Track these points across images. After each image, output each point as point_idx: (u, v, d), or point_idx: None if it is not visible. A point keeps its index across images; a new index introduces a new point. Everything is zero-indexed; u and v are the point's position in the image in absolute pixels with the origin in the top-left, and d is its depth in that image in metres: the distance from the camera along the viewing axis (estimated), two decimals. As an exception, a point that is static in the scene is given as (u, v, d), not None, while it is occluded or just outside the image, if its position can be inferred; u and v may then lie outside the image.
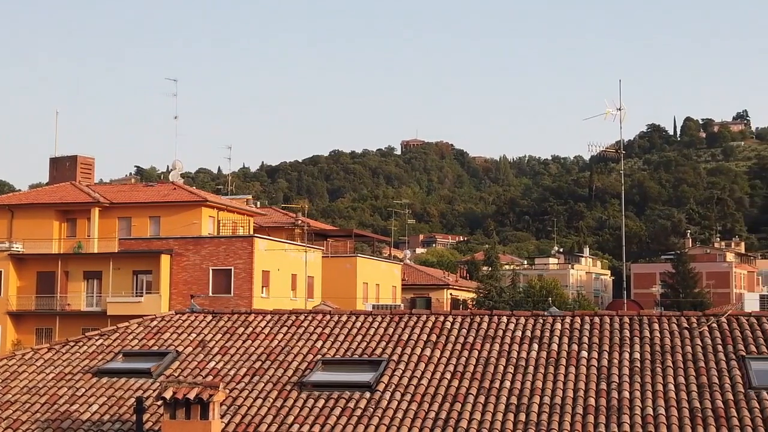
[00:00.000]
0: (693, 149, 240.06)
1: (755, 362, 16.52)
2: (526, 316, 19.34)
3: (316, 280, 59.77)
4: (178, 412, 14.23)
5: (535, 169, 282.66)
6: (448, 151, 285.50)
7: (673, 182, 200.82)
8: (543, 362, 17.16)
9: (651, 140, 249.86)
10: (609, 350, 17.46)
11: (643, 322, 18.57)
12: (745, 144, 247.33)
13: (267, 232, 61.76)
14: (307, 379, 17.24)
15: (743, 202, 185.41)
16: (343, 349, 18.65)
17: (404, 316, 19.84)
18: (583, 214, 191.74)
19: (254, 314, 20.82)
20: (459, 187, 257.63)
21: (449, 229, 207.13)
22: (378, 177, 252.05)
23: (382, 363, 17.60)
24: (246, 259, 54.01)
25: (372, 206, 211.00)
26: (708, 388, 15.71)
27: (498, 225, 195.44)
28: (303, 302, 54.42)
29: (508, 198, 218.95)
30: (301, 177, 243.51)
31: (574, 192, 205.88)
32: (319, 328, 19.67)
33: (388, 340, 18.73)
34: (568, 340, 17.99)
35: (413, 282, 78.93)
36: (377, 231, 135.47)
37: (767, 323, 18.14)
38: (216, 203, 60.54)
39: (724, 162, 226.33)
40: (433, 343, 18.37)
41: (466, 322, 19.27)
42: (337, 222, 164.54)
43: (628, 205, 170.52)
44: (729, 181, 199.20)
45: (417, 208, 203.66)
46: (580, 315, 19.32)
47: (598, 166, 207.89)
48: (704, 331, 17.93)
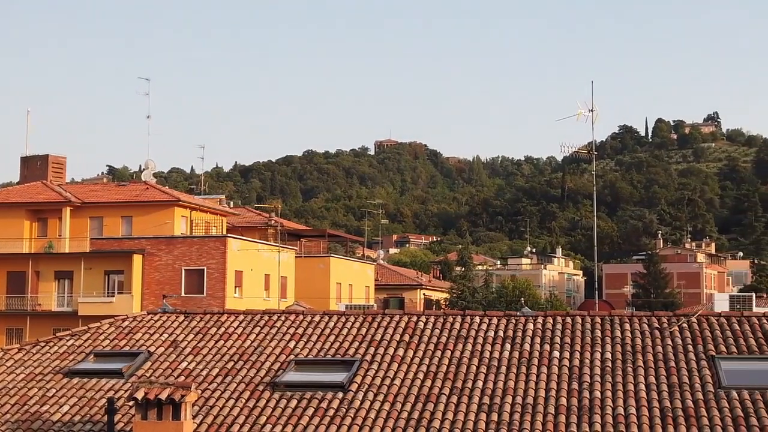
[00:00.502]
0: (664, 150, 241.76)
1: (725, 362, 16.68)
2: (498, 317, 19.42)
3: (289, 280, 59.66)
4: (150, 412, 14.17)
5: (508, 169, 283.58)
6: (422, 152, 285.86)
7: (645, 183, 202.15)
8: (515, 362, 17.24)
9: (623, 141, 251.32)
10: (580, 350, 17.56)
11: (615, 322, 18.69)
12: (715, 145, 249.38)
13: (240, 232, 61.55)
14: (280, 379, 17.22)
15: (714, 203, 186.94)
16: (316, 349, 18.65)
17: (377, 317, 19.87)
18: (556, 215, 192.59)
19: (227, 314, 20.77)
20: (432, 188, 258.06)
21: (422, 229, 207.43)
22: (351, 177, 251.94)
23: (355, 363, 17.62)
24: (219, 259, 53.81)
25: (345, 206, 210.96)
26: (678, 388, 15.84)
27: (471, 225, 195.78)
28: (276, 302, 54.31)
29: (482, 198, 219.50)
30: (275, 177, 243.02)
31: (546, 192, 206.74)
32: (292, 328, 19.66)
33: (361, 341, 18.76)
34: (540, 340, 18.09)
35: (386, 282, 78.95)
36: (350, 231, 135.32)
37: (737, 323, 18.32)
38: (189, 203, 60.26)
39: (694, 163, 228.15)
40: (405, 343, 18.41)
41: (438, 322, 19.32)
42: (311, 222, 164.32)
43: (600, 206, 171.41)
44: (700, 182, 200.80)
45: (390, 209, 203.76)
46: (552, 315, 19.42)
47: (571, 167, 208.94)
48: (675, 331, 18.08)
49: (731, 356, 17.01)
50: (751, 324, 18.26)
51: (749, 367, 16.62)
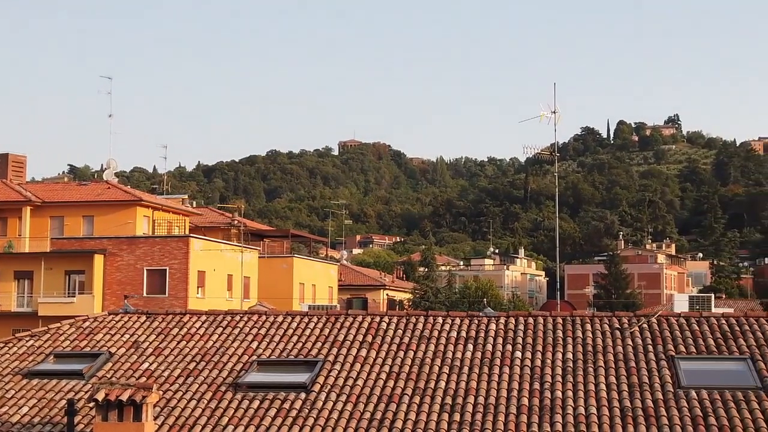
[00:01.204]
0: (626, 152, 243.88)
1: (684, 362, 16.87)
2: (461, 317, 19.50)
3: (252, 281, 59.43)
4: (111, 414, 14.07)
5: (471, 170, 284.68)
6: (386, 152, 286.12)
7: (607, 185, 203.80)
8: (477, 362, 17.32)
9: (585, 143, 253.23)
10: (542, 350, 17.68)
11: (576, 322, 18.83)
12: (676, 147, 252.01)
13: (203, 232, 61.21)
14: (242, 379, 17.17)
15: (674, 204, 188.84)
16: (278, 350, 18.62)
17: (340, 317, 19.88)
18: (519, 216, 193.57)
19: (189, 315, 20.68)
20: (396, 188, 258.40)
21: (386, 229, 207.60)
22: (315, 177, 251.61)
23: (317, 363, 17.61)
24: (181, 260, 53.48)
25: (309, 207, 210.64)
26: (638, 388, 15.99)
27: (434, 226, 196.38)
28: (239, 303, 54.06)
29: (445, 199, 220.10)
30: (238, 177, 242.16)
31: (509, 193, 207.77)
32: (254, 328, 19.61)
33: (323, 341, 18.75)
34: (503, 341, 18.18)
35: (350, 282, 78.88)
36: (314, 231, 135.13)
37: (696, 324, 18.53)
38: (151, 203, 59.84)
39: (655, 165, 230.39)
40: (368, 344, 18.43)
41: (401, 322, 19.36)
42: (274, 222, 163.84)
43: (562, 207, 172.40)
44: (660, 183, 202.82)
45: (354, 209, 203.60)
46: (515, 315, 19.53)
47: (534, 168, 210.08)
48: (635, 331, 18.25)
49: (690, 356, 17.20)
50: (710, 324, 18.48)
51: (708, 367, 16.82)
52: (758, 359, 16.84)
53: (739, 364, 16.82)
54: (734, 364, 16.88)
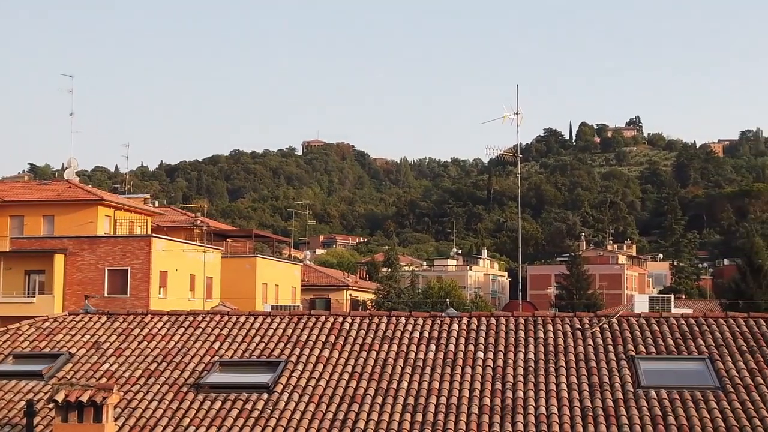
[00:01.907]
0: (588, 154, 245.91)
1: (644, 362, 17.03)
2: (424, 317, 19.54)
3: (214, 281, 59.19)
4: (71, 415, 13.96)
5: (434, 171, 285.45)
6: (349, 153, 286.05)
7: (569, 186, 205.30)
8: (440, 363, 17.36)
9: (548, 144, 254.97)
10: (504, 351, 17.76)
11: (538, 322, 18.94)
12: (637, 149, 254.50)
13: (165, 232, 60.84)
14: (204, 380, 17.10)
15: (635, 205, 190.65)
16: (241, 350, 18.56)
17: (303, 317, 19.85)
18: (482, 217, 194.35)
19: (150, 315, 20.55)
20: (360, 189, 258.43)
21: (349, 230, 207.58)
22: (279, 177, 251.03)
23: (280, 364, 17.57)
24: (143, 259, 53.16)
25: (272, 207, 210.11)
26: (599, 388, 16.11)
27: (398, 226, 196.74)
28: (201, 303, 53.80)
29: (408, 200, 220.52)
30: (201, 176, 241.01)
31: (472, 194, 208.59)
32: (216, 329, 19.53)
33: (286, 341, 18.71)
34: (465, 341, 18.25)
35: (313, 283, 78.78)
36: (277, 231, 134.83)
37: (656, 324, 18.71)
38: (112, 202, 59.40)
39: (617, 167, 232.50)
40: (331, 344, 18.42)
41: (364, 323, 19.37)
42: (237, 222, 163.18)
43: (524, 208, 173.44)
44: (622, 185, 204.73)
45: (317, 209, 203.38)
46: (477, 316, 19.60)
47: (497, 169, 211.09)
48: (596, 331, 18.39)
49: (650, 356, 17.37)
50: (670, 325, 18.67)
51: (667, 367, 16.99)
52: (717, 359, 17.05)
53: (697, 364, 17.01)
54: (693, 364, 17.06)
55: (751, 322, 18.67)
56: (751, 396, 15.56)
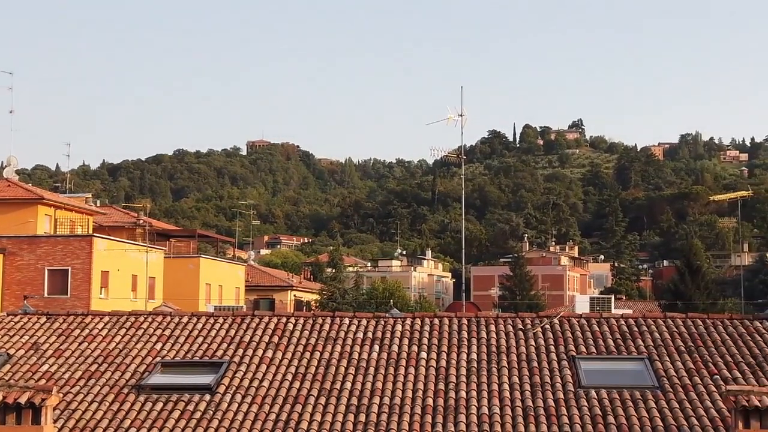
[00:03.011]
0: (531, 156, 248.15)
1: (584, 362, 17.23)
2: (367, 318, 19.59)
3: (157, 281, 58.63)
4: (8, 417, 13.73)
5: (379, 172, 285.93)
6: (294, 153, 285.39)
7: (512, 187, 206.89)
8: (383, 363, 17.41)
9: (492, 146, 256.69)
10: (447, 351, 17.85)
11: (481, 323, 19.07)
12: (579, 152, 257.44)
13: (107, 232, 60.09)
14: (146, 381, 16.95)
15: (577, 207, 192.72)
16: (183, 351, 18.43)
17: (246, 318, 19.77)
18: (426, 217, 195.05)
19: (91, 316, 20.32)
20: (304, 189, 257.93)
21: (294, 230, 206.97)
22: (223, 177, 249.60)
23: (222, 365, 17.48)
24: (84, 259, 52.48)
25: (216, 206, 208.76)
26: (540, 388, 16.28)
27: (342, 227, 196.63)
28: (143, 303, 53.25)
29: (353, 200, 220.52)
30: (144, 176, 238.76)
31: (417, 195, 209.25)
32: (159, 329, 19.37)
33: (229, 342, 18.62)
34: (408, 342, 18.31)
35: (257, 283, 78.41)
36: (221, 232, 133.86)
37: (596, 325, 18.95)
38: (53, 201, 58.52)
39: (559, 169, 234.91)
40: (275, 345, 18.38)
41: (308, 323, 19.36)
42: (181, 222, 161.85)
43: (468, 209, 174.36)
44: (564, 187, 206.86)
45: (262, 209, 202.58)
46: (420, 317, 19.69)
47: (441, 171, 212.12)
48: (538, 332, 18.58)
49: (590, 356, 17.58)
50: (610, 325, 18.92)
51: (607, 367, 17.22)
52: (655, 359, 17.31)
53: (637, 364, 17.26)
54: (632, 364, 17.31)
55: (689, 322, 19.00)
56: (688, 395, 15.83)
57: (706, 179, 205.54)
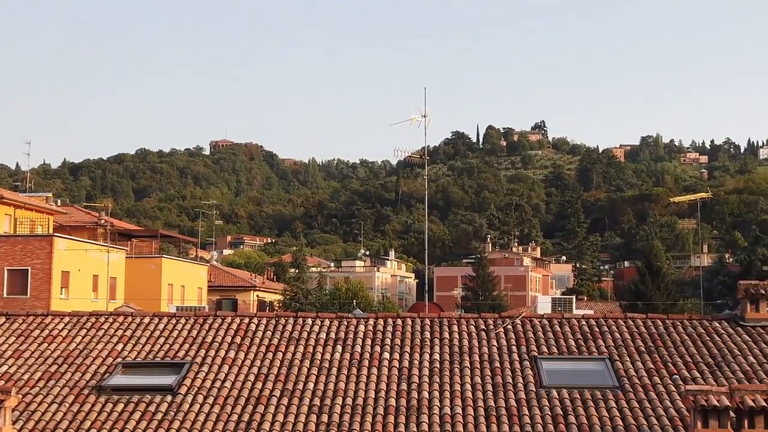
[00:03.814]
0: (494, 157, 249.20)
1: (546, 362, 17.35)
2: (330, 319, 19.58)
3: (118, 281, 58.19)
4: (-33, 418, 13.59)
5: (343, 172, 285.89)
6: (258, 153, 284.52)
7: (476, 188, 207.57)
8: (346, 364, 17.41)
9: (455, 147, 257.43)
10: (410, 351, 17.89)
11: (443, 324, 19.13)
12: (542, 153, 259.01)
13: (68, 232, 59.55)
14: (106, 382, 16.82)
15: (540, 208, 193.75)
16: (144, 352, 18.31)
17: (209, 318, 19.69)
18: (390, 218, 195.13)
19: (51, 316, 20.12)
20: (268, 189, 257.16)
21: (257, 230, 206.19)
22: (186, 177, 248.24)
23: (184, 366, 17.40)
24: (44, 259, 51.96)
25: (179, 206, 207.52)
26: (502, 388, 16.36)
27: (306, 227, 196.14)
28: (104, 304, 52.82)
29: (317, 201, 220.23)
30: (106, 175, 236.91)
31: (381, 196, 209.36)
32: (120, 330, 19.23)
33: (191, 343, 18.53)
34: (371, 342, 18.33)
35: (220, 284, 78.03)
36: (184, 232, 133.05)
37: (558, 325, 19.09)
38: (12, 200, 57.89)
39: (522, 170, 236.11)
40: (237, 345, 18.31)
41: (270, 324, 19.31)
42: (143, 222, 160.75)
43: (432, 210, 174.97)
44: (527, 188, 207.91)
45: (225, 209, 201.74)
46: (383, 317, 19.71)
47: (405, 171, 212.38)
48: (500, 332, 18.66)
49: (552, 356, 17.71)
50: (571, 325, 19.06)
51: (568, 367, 17.34)
52: (616, 359, 17.46)
53: (597, 364, 17.39)
54: (593, 364, 17.44)
55: (649, 322, 19.19)
56: (648, 395, 15.99)
57: (666, 181, 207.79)
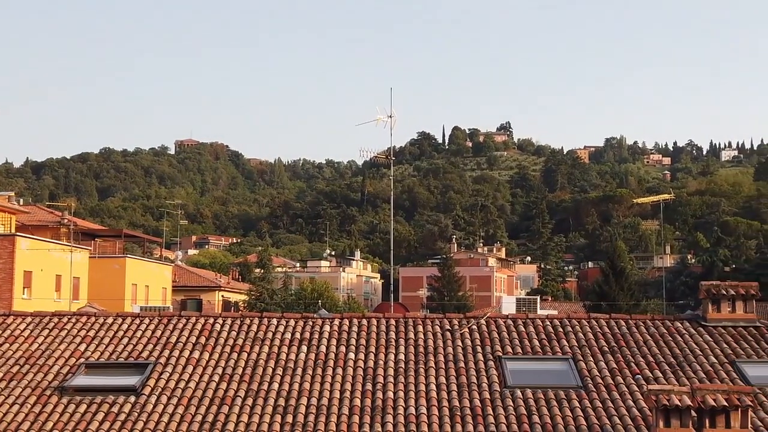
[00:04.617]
0: (460, 157, 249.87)
1: (510, 362, 17.43)
2: (295, 319, 19.54)
3: (82, 281, 57.72)
4: (-74, 420, 13.43)
5: (309, 172, 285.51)
6: (223, 153, 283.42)
7: (441, 189, 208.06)
8: (311, 364, 17.39)
9: (421, 148, 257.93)
10: (375, 351, 17.91)
11: (408, 324, 19.16)
12: (507, 154, 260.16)
13: (30, 231, 58.94)
14: (69, 383, 16.68)
15: (505, 209, 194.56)
16: (108, 352, 18.18)
17: (173, 319, 19.59)
18: (356, 218, 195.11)
19: (13, 316, 19.91)
20: (233, 189, 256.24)
21: (222, 230, 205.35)
22: (150, 176, 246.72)
23: (148, 366, 17.29)
24: (6, 259, 51.44)
25: (144, 206, 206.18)
26: (467, 388, 16.41)
27: (271, 227, 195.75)
28: (67, 304, 52.36)
29: (282, 201, 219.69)
30: (69, 174, 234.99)
31: (346, 196, 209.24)
32: (83, 330, 19.08)
33: (155, 343, 18.42)
34: (336, 342, 18.33)
35: (184, 284, 77.62)
36: (148, 231, 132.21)
37: (522, 325, 19.18)
38: (-26, 199, 57.27)
39: (488, 171, 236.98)
40: (201, 346, 18.23)
41: (235, 324, 19.24)
42: (107, 222, 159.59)
43: (397, 211, 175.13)
44: (492, 189, 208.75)
45: (190, 209, 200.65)
46: (349, 317, 19.71)
47: (371, 172, 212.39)
48: (465, 332, 18.73)
49: (516, 356, 17.79)
50: (536, 326, 19.16)
51: (532, 367, 17.44)
52: (579, 359, 17.59)
53: (561, 364, 17.51)
54: (557, 364, 17.56)
55: (613, 323, 19.35)
56: (611, 395, 16.11)
57: (630, 182, 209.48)
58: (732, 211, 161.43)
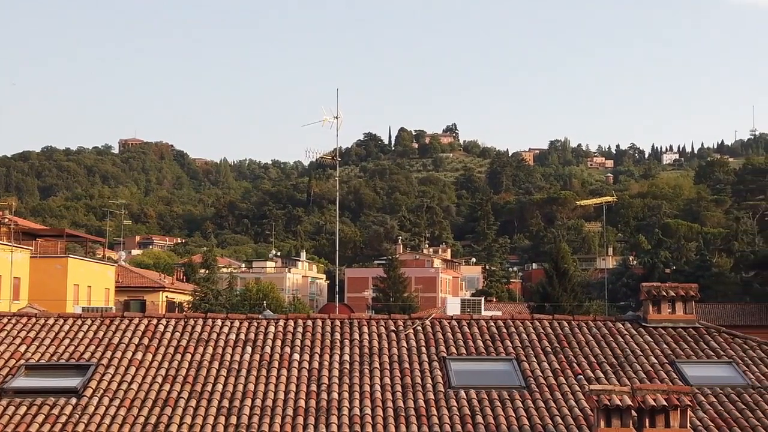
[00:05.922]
0: (406, 159, 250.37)
1: (455, 363, 17.55)
2: (240, 319, 19.48)
3: (22, 282, 56.88)
4: None
5: (255, 173, 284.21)
6: (168, 152, 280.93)
7: (387, 190, 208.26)
8: (256, 365, 17.35)
9: (367, 149, 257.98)
10: (320, 352, 17.91)
11: (354, 325, 19.20)
12: (453, 156, 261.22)
13: (-32, 230, 58.01)
14: (8, 385, 16.43)
15: (450, 210, 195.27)
16: (48, 354, 17.94)
17: (115, 319, 19.40)
18: (301, 219, 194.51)
19: (-49, 317, 19.56)
20: (178, 189, 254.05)
21: (167, 230, 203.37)
22: (94, 176, 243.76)
23: (90, 367, 17.10)
24: (-56, 259, 50.53)
25: (86, 206, 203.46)
26: (411, 388, 16.49)
27: (217, 228, 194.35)
28: (7, 305, 51.56)
29: (228, 201, 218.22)
30: (10, 173, 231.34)
31: (292, 197, 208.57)
32: (23, 331, 18.81)
33: (97, 344, 18.23)
34: (281, 343, 18.30)
35: (128, 284, 76.78)
36: (91, 231, 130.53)
37: (467, 326, 19.31)
38: None
39: (434, 172, 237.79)
40: (144, 347, 18.08)
41: (179, 325, 19.13)
42: (49, 221, 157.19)
43: (343, 211, 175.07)
44: (438, 190, 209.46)
45: (134, 209, 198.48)
46: (294, 318, 19.71)
47: (317, 172, 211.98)
48: (410, 333, 18.81)
49: (461, 357, 17.91)
50: (480, 326, 19.31)
51: (477, 368, 17.57)
52: (523, 360, 17.76)
53: (505, 365, 17.67)
54: (501, 365, 17.72)
55: (556, 324, 19.57)
56: (554, 395, 16.30)
57: (573, 185, 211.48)
58: (673, 213, 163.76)
